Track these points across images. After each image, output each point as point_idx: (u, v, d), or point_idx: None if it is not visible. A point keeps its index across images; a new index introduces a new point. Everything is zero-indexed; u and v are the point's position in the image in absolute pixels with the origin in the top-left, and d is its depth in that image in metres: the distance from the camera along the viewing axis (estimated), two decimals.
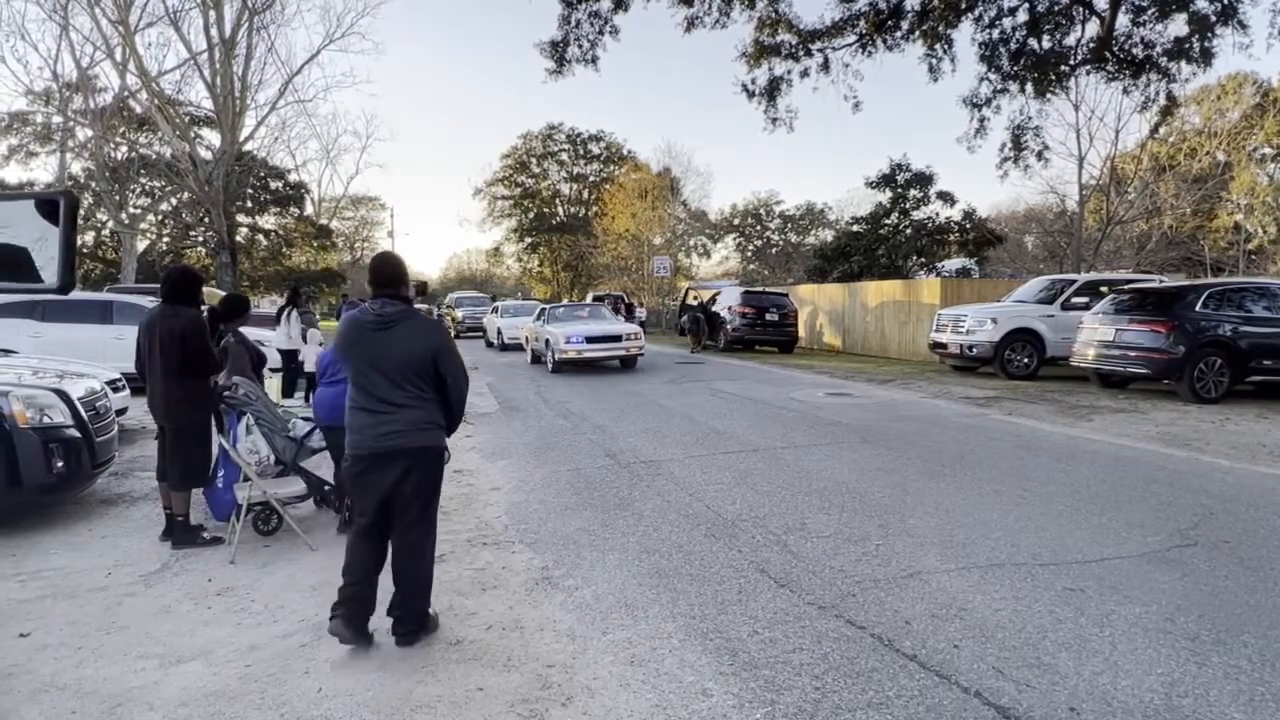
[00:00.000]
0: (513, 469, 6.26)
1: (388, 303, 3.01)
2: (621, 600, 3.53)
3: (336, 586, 3.12)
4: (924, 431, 7.64)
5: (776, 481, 5.56)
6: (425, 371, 2.97)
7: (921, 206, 23.79)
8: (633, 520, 4.74)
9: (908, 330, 17.06)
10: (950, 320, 12.93)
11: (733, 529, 4.50)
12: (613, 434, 7.67)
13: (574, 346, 13.02)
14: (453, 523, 4.70)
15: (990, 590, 3.55)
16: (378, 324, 2.98)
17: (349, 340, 3.04)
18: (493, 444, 7.39)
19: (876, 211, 24.47)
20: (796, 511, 4.81)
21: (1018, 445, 6.94)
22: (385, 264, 3.08)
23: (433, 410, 3.03)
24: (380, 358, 2.96)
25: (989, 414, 8.73)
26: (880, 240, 23.61)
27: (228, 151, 21.33)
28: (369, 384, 2.98)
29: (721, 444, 7.02)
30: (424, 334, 2.99)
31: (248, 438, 4.75)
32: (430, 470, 3.02)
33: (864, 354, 18.33)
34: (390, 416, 2.96)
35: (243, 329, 5.35)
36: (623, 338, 13.42)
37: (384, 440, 2.96)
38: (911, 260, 23.55)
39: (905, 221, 23.82)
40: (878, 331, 18.24)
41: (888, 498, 5.10)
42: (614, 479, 5.79)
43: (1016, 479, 5.64)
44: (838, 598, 3.48)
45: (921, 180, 23.60)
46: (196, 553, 4.29)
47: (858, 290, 19.49)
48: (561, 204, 51.37)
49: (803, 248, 46.71)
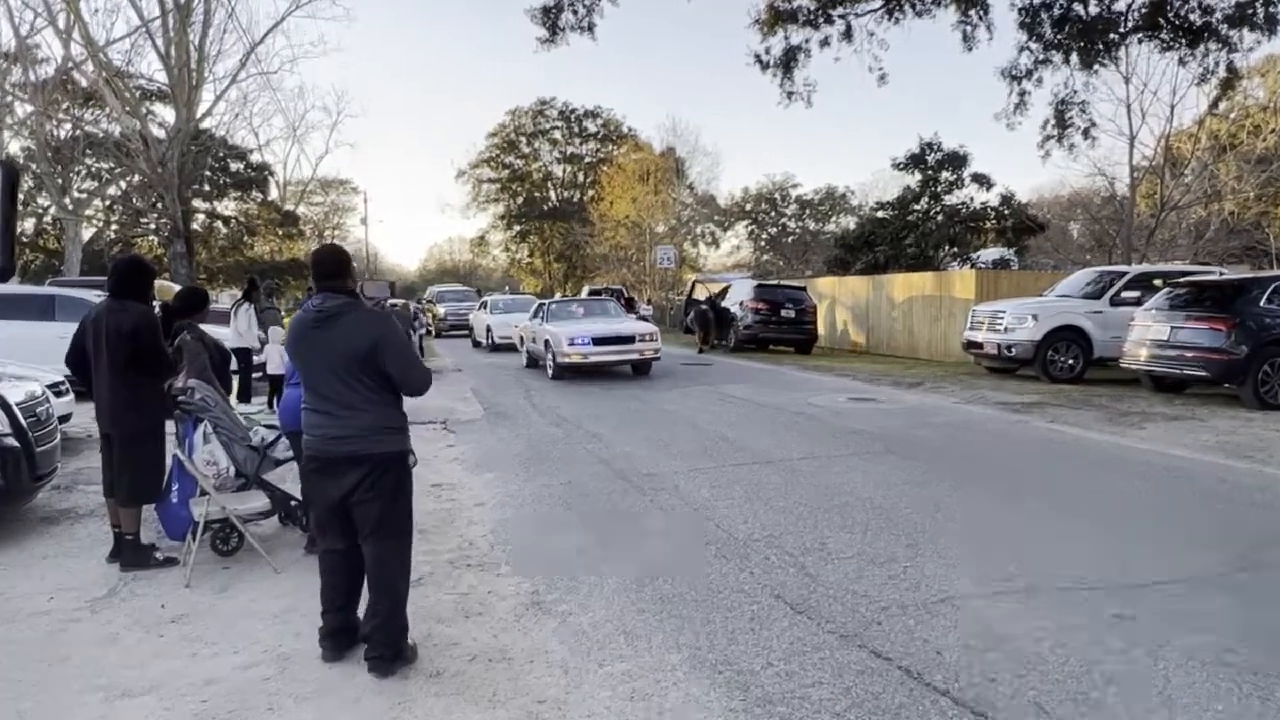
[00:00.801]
0: (499, 482, 6.26)
1: (329, 297, 3.09)
2: (620, 628, 3.53)
3: (304, 614, 3.14)
4: (957, 441, 7.64)
5: (793, 496, 5.56)
6: (373, 368, 3.03)
7: (954, 190, 23.79)
8: (633, 539, 4.75)
9: (939, 328, 17.06)
10: (986, 317, 12.93)
11: (744, 549, 4.51)
12: (610, 443, 7.68)
13: (579, 349, 12.58)
14: (432, 542, 4.71)
15: (1031, 617, 3.55)
16: (318, 320, 3.06)
17: (293, 339, 3.15)
18: (477, 454, 7.38)
19: (904, 196, 24.47)
20: (815, 530, 4.82)
21: (1061, 456, 6.93)
22: (326, 256, 3.17)
23: (389, 413, 3.09)
24: (325, 355, 3.04)
25: (1029, 421, 8.72)
26: (908, 228, 23.60)
27: (183, 129, 21.37)
28: (318, 384, 3.07)
29: (731, 455, 7.02)
30: (365, 326, 3.04)
31: (205, 447, 4.72)
32: (390, 478, 3.08)
33: (890, 354, 18.30)
34: (340, 420, 3.03)
35: (202, 326, 5.34)
36: (635, 339, 12.97)
37: (334, 444, 3.04)
38: (943, 250, 23.54)
39: (936, 207, 23.81)
40: (905, 329, 18.23)
41: (917, 514, 5.11)
42: (612, 493, 5.79)
43: (1059, 494, 5.63)
44: (861, 626, 3.49)
45: (954, 161, 23.60)
46: (148, 575, 4.29)
47: (883, 283, 19.47)
48: (554, 187, 51.45)
49: (822, 236, 46.68)
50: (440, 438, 8.31)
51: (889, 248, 23.46)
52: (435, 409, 9.99)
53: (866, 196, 47.51)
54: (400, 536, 3.16)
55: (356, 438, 3.02)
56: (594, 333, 12.82)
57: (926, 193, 23.94)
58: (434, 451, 7.52)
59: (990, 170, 24.14)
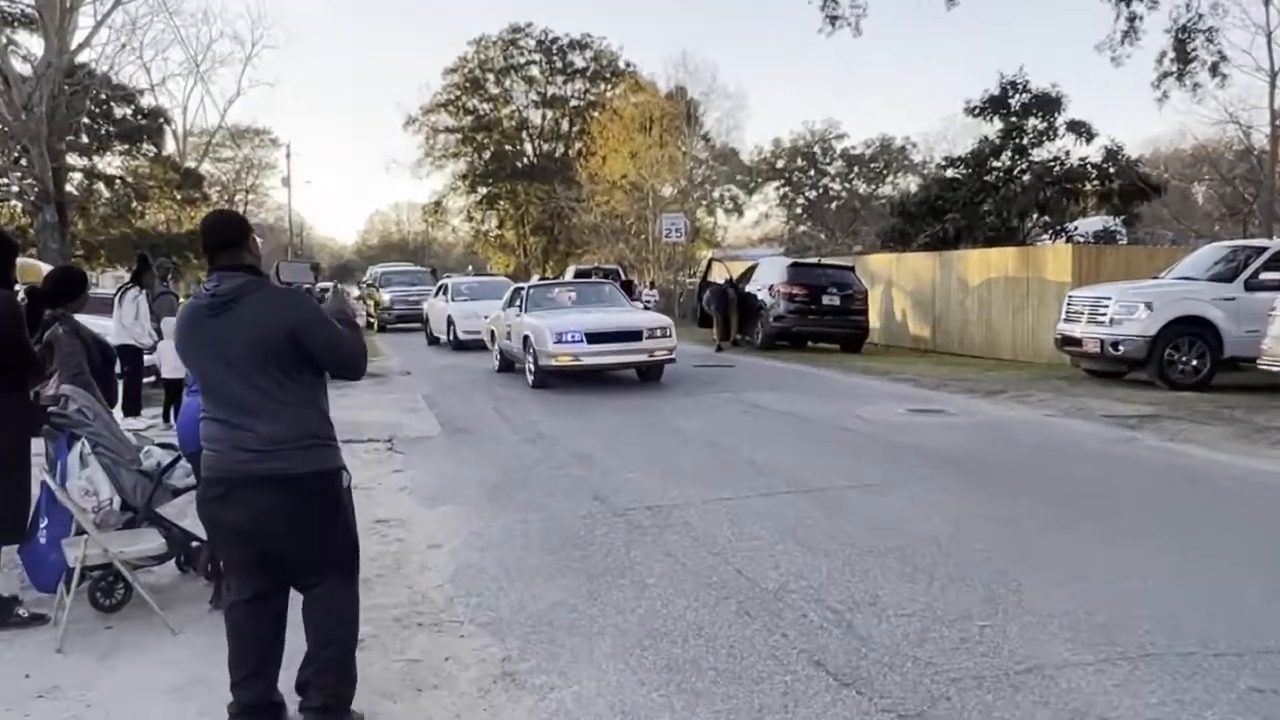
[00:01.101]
0: (460, 518, 6.27)
1: (225, 276, 3.12)
2: (617, 706, 3.52)
3: (210, 686, 3.14)
4: (1048, 464, 7.61)
5: (837, 536, 5.58)
6: (289, 360, 3.06)
7: (1045, 142, 23.80)
8: (632, 591, 4.75)
9: (1024, 319, 17.07)
10: (1086, 306, 12.94)
11: (775, 603, 4.51)
12: (603, 467, 7.66)
13: (569, 348, 12.39)
14: (375, 595, 4.71)
15: (1143, 691, 3.55)
16: (214, 306, 3.09)
17: (183, 332, 3.18)
18: (431, 482, 7.37)
19: (981, 150, 24.48)
20: (866, 578, 4.83)
21: (1182, 484, 6.92)
22: (217, 224, 3.24)
23: (312, 418, 3.13)
24: (225, 350, 3.06)
25: (1141, 439, 8.73)
26: (986, 190, 23.61)
27: (54, 64, 21.38)
28: (218, 386, 3.11)
29: (759, 482, 7.01)
30: (276, 308, 3.08)
31: (82, 472, 4.70)
32: (321, 504, 3.12)
33: (962, 353, 18.30)
34: (248, 431, 3.05)
35: (78, 316, 5.33)
36: (643, 334, 12.75)
37: (242, 462, 3.05)
38: (1030, 219, 23.55)
39: (1022, 163, 23.82)
40: (982, 320, 18.26)
41: (996, 559, 5.11)
42: (605, 532, 5.80)
43: (1179, 533, 5.64)
44: (926, 702, 3.48)
45: (1046, 105, 23.60)
46: (8, 637, 4.27)
47: (953, 261, 19.47)
48: (530, 139, 51.52)
49: (875, 201, 46.79)
50: (384, 460, 8.31)
51: (961, 216, 23.43)
52: (377, 423, 10.00)
53: (932, 150, 47.67)
54: (345, 571, 3.21)
55: (271, 452, 3.04)
56: (589, 326, 12.63)
57: (1009, 145, 23.93)
58: (376, 478, 7.52)
59: (1091, 117, 23.92)
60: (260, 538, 3.09)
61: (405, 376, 14.99)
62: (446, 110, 50.68)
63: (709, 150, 41.83)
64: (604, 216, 36.13)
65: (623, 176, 34.96)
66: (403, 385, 13.79)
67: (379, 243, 71.77)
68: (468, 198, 52.21)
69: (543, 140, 51.28)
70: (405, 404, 11.71)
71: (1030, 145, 23.90)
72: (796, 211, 51.82)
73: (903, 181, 49.29)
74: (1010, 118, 23.87)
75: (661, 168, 34.57)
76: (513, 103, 50.78)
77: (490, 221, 53.02)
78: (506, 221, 51.89)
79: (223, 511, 3.11)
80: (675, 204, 34.28)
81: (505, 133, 50.77)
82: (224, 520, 3.13)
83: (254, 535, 3.09)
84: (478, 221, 53.09)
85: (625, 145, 35.07)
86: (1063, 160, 23.53)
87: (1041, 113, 23.73)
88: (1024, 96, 23.73)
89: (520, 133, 51.38)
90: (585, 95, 49.60)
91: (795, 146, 50.85)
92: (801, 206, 51.61)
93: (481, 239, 54.14)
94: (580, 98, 49.79)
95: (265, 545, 3.11)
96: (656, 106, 35.59)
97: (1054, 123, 23.69)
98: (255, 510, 3.05)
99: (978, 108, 24.24)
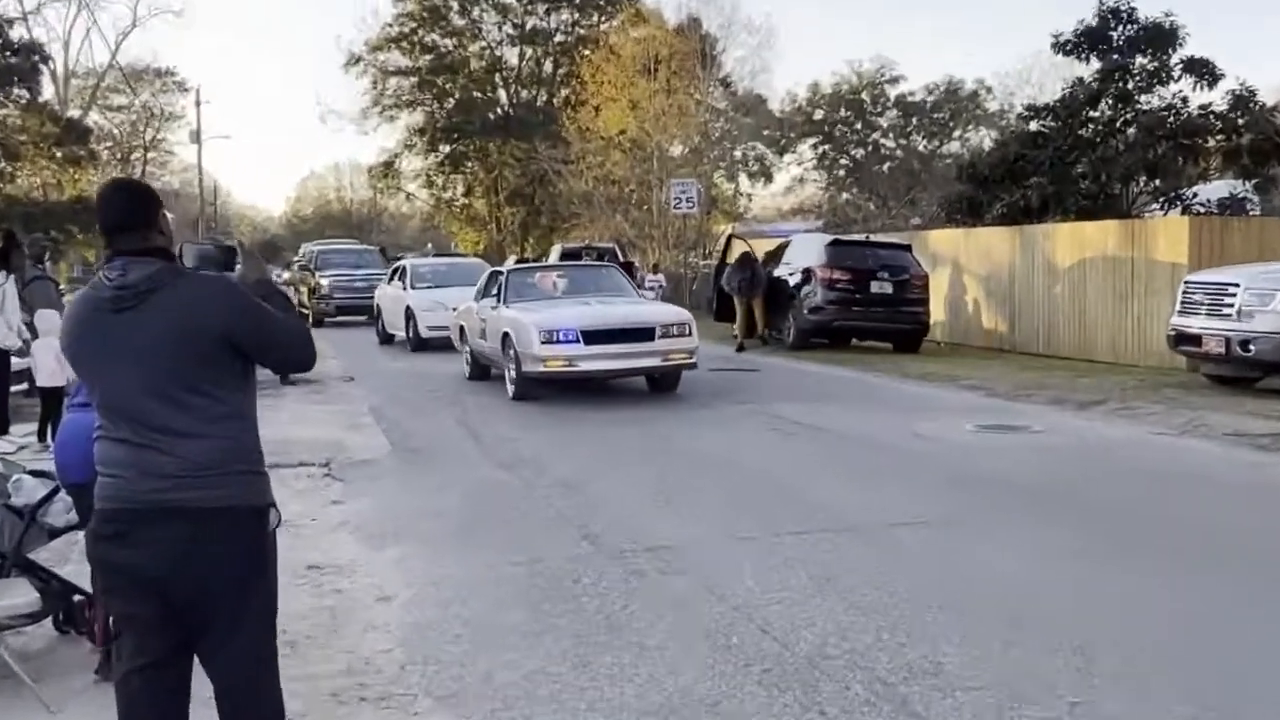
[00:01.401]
0: (415, 563, 6.27)
1: (132, 263, 3.10)
2: None
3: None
4: (1157, 497, 7.58)
5: (887, 586, 5.56)
6: (218, 365, 3.09)
7: (1156, 87, 23.66)
8: (629, 656, 4.74)
9: (1129, 310, 17.05)
10: (1208, 294, 12.91)
11: (809, 671, 4.50)
12: (594, 498, 7.67)
13: (560, 349, 12.31)
14: (306, 661, 4.69)
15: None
16: (119, 300, 3.07)
17: (77, 330, 3.17)
18: (379, 517, 7.37)
19: (1073, 97, 24.34)
20: (925, 641, 4.81)
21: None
22: (119, 198, 3.23)
23: (239, 439, 3.14)
24: (132, 354, 3.05)
25: (1278, 465, 8.71)
26: (1079, 148, 23.49)
27: None
28: (122, 399, 3.10)
29: (791, 517, 7.00)
30: (203, 302, 3.09)
31: None
32: (238, 546, 3.10)
33: (1048, 353, 18.27)
34: (161, 454, 3.05)
35: None
36: (655, 332, 12.67)
37: (152, 492, 3.04)
38: (1137, 183, 23.46)
39: (1125, 113, 23.72)
40: (1073, 312, 18.24)
41: (1090, 616, 5.07)
42: (597, 580, 5.80)
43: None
44: None
45: (1157, 39, 23.45)
46: None
47: (1037, 238, 19.44)
48: (505, 84, 51.48)
49: (938, 162, 46.78)
50: (319, 489, 8.33)
51: (1047, 180, 23.28)
52: (310, 442, 10.03)
53: (1010, 98, 47.69)
54: (270, 628, 3.22)
55: (186, 479, 3.02)
56: (586, 322, 12.57)
57: (1110, 91, 23.78)
58: (308, 512, 7.53)
59: (1215, 55, 23.59)
60: (166, 587, 3.04)
61: (347, 383, 15.00)
62: (399, 47, 50.38)
63: (729, 99, 41.80)
64: (597, 182, 36.16)
65: (620, 132, 34.97)
66: (344, 394, 13.84)
67: (314, 213, 71.83)
68: (426, 158, 51.98)
69: (520, 86, 51.25)
70: (347, 418, 11.74)
71: (1137, 91, 23.72)
72: (838, 175, 51.84)
73: (973, 137, 49.31)
74: (1111, 55, 23.70)
75: (669, 121, 34.47)
76: (483, 37, 50.73)
77: (455, 188, 52.86)
78: (475, 188, 51.76)
79: (120, 553, 3.06)
80: (686, 167, 34.27)
81: (473, 76, 50.68)
82: (121, 564, 3.07)
83: (158, 584, 3.04)
84: (439, 188, 52.86)
85: (624, 92, 35.05)
86: (1178, 109, 23.37)
87: (1152, 49, 23.56)
88: (1129, 29, 23.56)
89: (492, 76, 51.31)
90: (574, 28, 49.49)
91: (838, 93, 50.85)
92: (845, 169, 51.64)
93: (444, 210, 54.00)
94: (567, 31, 49.70)
95: (171, 597, 3.06)
96: (663, 43, 35.43)
97: (1167, 62, 23.48)
98: (162, 551, 3.01)
99: (1069, 43, 24.07)
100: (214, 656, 3.15)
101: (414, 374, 16.28)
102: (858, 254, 19.46)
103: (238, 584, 3.10)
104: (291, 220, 74.54)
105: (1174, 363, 14.71)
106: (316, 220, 68.19)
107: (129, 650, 3.23)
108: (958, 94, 50.23)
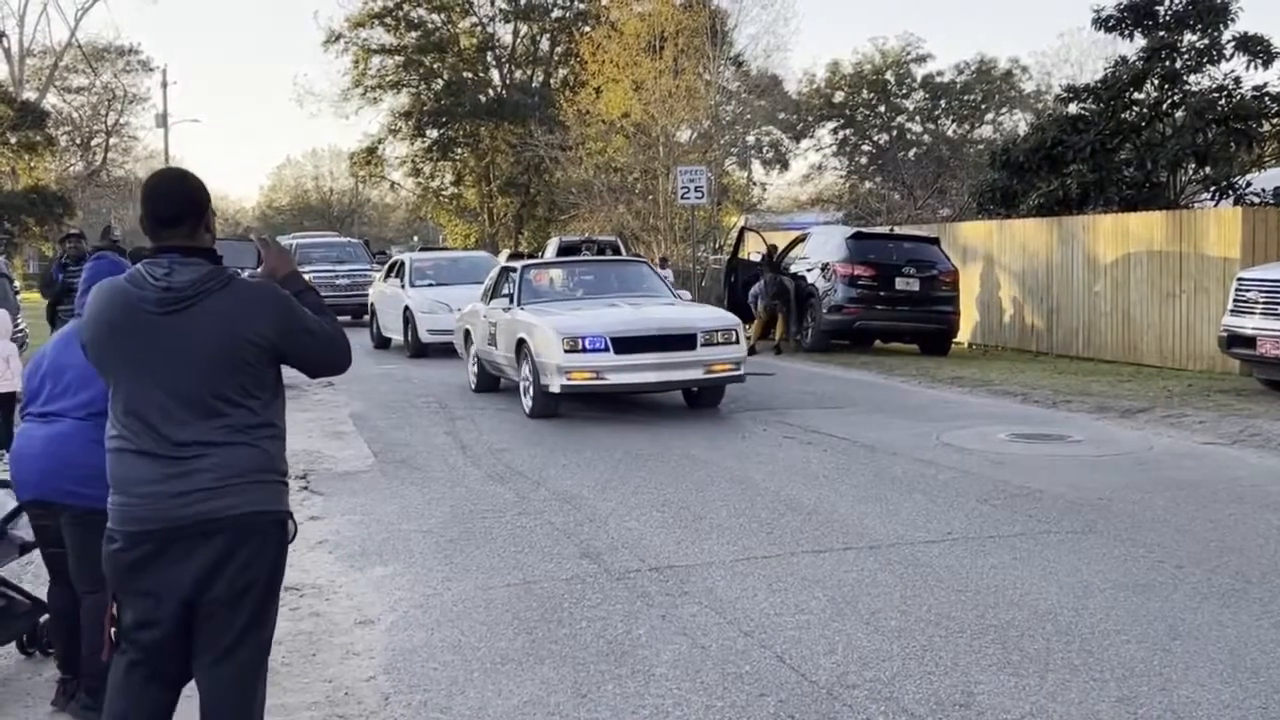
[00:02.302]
0: (401, 583, 6.34)
1: (179, 262, 3.14)
2: None
3: None
4: (1208, 513, 7.56)
5: (914, 610, 5.62)
6: (257, 374, 3.18)
7: (1207, 66, 23.59)
8: (634, 684, 4.77)
9: (1177, 309, 16.99)
10: (1264, 292, 12.79)
11: (829, 703, 4.53)
12: (595, 512, 7.76)
13: (588, 359, 11.53)
14: (283, 691, 4.72)
15: None
16: (166, 303, 3.11)
17: (113, 330, 3.17)
18: (361, 533, 7.45)
19: (1116, 77, 24.28)
20: (955, 669, 4.84)
21: None
22: (169, 190, 3.26)
23: (265, 444, 3.23)
24: (173, 363, 3.12)
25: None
26: (1123, 133, 23.49)
27: None
28: (149, 409, 3.14)
29: (808, 534, 7.10)
30: (254, 313, 3.16)
31: None
32: (266, 554, 3.20)
33: (1090, 355, 18.34)
34: (191, 463, 3.10)
35: None
36: (697, 339, 11.81)
37: (185, 505, 3.09)
38: (1185, 171, 23.36)
39: (1173, 95, 23.60)
40: (1117, 311, 18.23)
41: (1134, 643, 5.10)
42: (599, 602, 5.86)
43: None
44: None
45: (1207, 15, 23.41)
46: None
47: (1077, 230, 19.48)
48: (498, 64, 51.67)
49: (969, 148, 46.76)
50: (296, 503, 8.25)
51: (1087, 168, 23.31)
52: (288, 452, 9.87)
53: (1048, 78, 47.81)
54: (264, 655, 3.32)
55: (220, 489, 3.10)
56: (616, 327, 11.79)
57: (1156, 71, 23.70)
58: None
59: (1271, 32, 23.45)
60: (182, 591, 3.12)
61: (325, 388, 14.83)
62: (383, 23, 50.24)
63: (741, 79, 41.81)
64: (598, 170, 36.38)
65: (623, 116, 34.98)
66: (322, 400, 13.84)
67: (290, 203, 72.45)
68: (412, 144, 51.90)
69: (515, 66, 51.36)
70: (325, 426, 11.82)
71: (1185, 70, 23.67)
72: (860, 162, 52.03)
73: (1008, 121, 49.42)
74: (1158, 32, 23.77)
75: (676, 103, 34.35)
76: (474, 13, 50.80)
77: (443, 176, 52.95)
78: (465, 176, 51.88)
79: (143, 570, 3.12)
80: (695, 153, 34.37)
81: (463, 55, 50.77)
82: (151, 588, 3.13)
83: (177, 590, 3.12)
84: (426, 176, 52.89)
85: (627, 73, 35.00)
86: (1231, 90, 23.30)
87: (1202, 25, 23.55)
88: (1177, 2, 23.62)
89: (484, 55, 51.42)
90: (572, 3, 49.66)
91: (860, 73, 50.97)
92: (868, 155, 51.82)
93: (432, 200, 54.08)
94: (565, 6, 49.87)
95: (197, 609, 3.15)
96: (670, 19, 35.21)
97: (1219, 39, 23.45)
98: (188, 564, 3.11)
99: (1112, 18, 24.10)
100: (210, 656, 3.19)
101: (399, 378, 16.24)
102: (881, 248, 19.52)
103: (255, 590, 3.17)
104: (266, 211, 75.07)
105: (1226, 366, 14.78)
106: (293, 211, 68.83)
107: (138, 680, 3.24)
108: (990, 74, 50.27)
